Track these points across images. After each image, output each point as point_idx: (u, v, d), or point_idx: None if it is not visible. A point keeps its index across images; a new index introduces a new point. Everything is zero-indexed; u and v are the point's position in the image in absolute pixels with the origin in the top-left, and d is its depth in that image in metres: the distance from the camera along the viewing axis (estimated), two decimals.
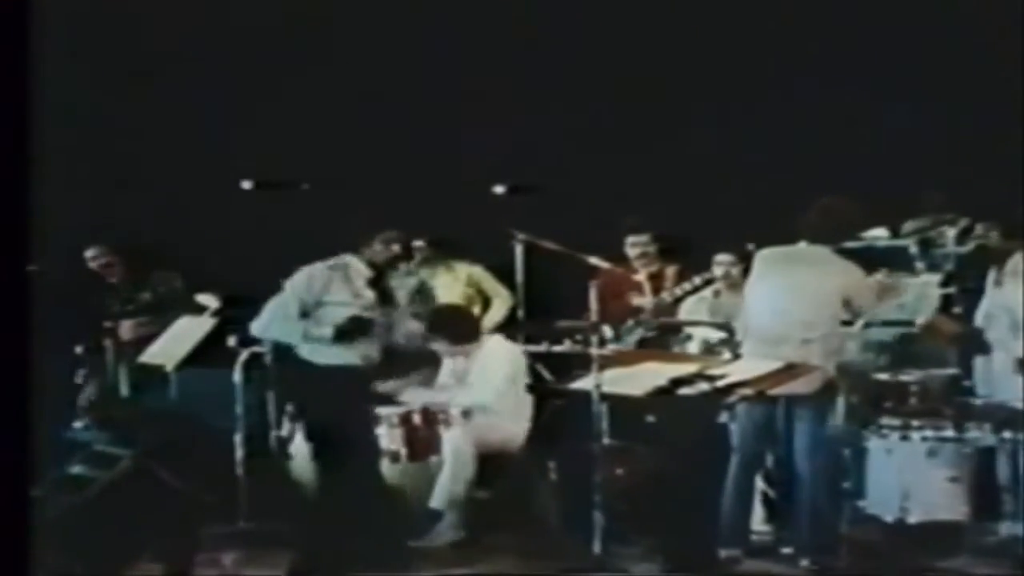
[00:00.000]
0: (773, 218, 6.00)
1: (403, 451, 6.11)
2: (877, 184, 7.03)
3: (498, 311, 7.52)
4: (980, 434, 5.71)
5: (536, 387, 6.46)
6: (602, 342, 5.50)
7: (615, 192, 7.63)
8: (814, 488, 5.54)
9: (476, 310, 7.28)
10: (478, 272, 7.61)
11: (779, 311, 5.54)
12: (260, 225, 7.54)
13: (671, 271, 7.06)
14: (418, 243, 7.48)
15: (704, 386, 5.01)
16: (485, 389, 6.13)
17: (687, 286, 6.76)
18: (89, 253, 7.04)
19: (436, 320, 6.38)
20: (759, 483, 5.86)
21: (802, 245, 5.65)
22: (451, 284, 7.44)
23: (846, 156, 7.39)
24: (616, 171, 7.82)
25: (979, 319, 6.12)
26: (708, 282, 6.59)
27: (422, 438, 6.14)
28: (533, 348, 6.70)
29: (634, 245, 7.04)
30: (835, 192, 5.81)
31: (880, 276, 5.82)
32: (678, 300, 6.81)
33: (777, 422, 5.57)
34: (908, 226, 7.05)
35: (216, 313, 6.60)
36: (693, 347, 6.35)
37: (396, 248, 6.37)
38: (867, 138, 7.53)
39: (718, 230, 6.59)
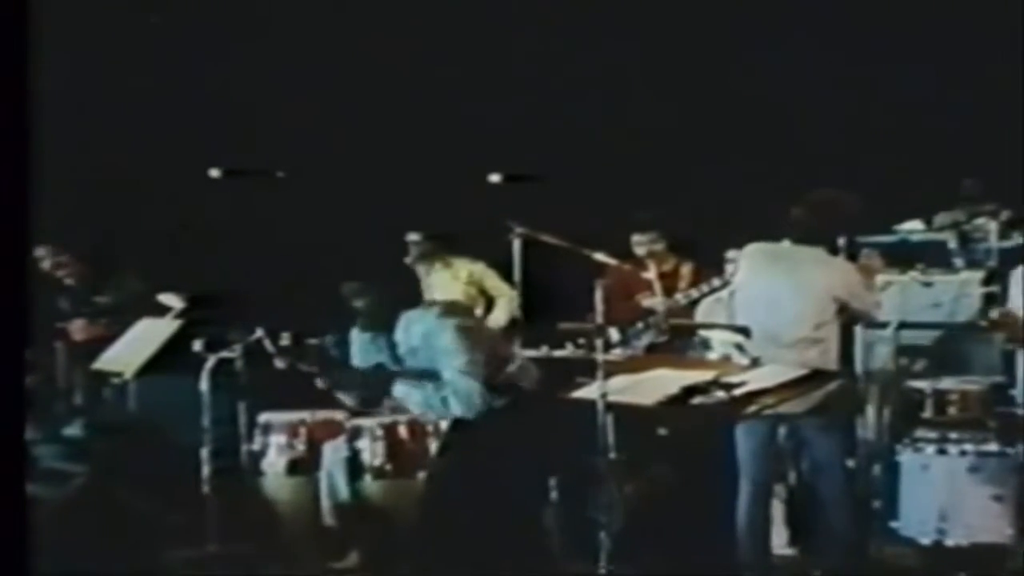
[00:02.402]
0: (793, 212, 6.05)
1: (387, 466, 6.19)
2: (909, 173, 7.10)
3: (502, 312, 7.53)
4: None
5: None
6: (608, 346, 5.53)
7: (622, 181, 7.67)
8: (837, 508, 5.56)
9: (479, 311, 7.32)
10: (479, 269, 7.62)
11: (780, 311, 5.56)
12: (230, 218, 7.59)
13: (686, 269, 7.04)
14: (413, 236, 7.52)
15: (720, 395, 5.03)
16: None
17: (704, 287, 6.78)
18: (39, 252, 7.00)
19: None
20: (779, 505, 5.90)
21: (785, 243, 5.70)
22: (449, 282, 7.46)
23: (873, 144, 7.46)
24: (623, 158, 7.86)
25: None
26: (727, 283, 6.60)
27: (408, 452, 6.21)
28: (532, 353, 6.72)
29: (639, 244, 7.06)
30: (862, 182, 5.86)
31: (863, 260, 5.83)
32: (693, 303, 6.83)
33: (781, 438, 5.61)
34: (941, 218, 7.08)
35: (181, 315, 6.63)
36: (711, 354, 6.37)
37: None
38: (896, 125, 7.59)
39: (735, 223, 6.63)
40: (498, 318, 7.42)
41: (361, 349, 6.06)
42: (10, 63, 3.01)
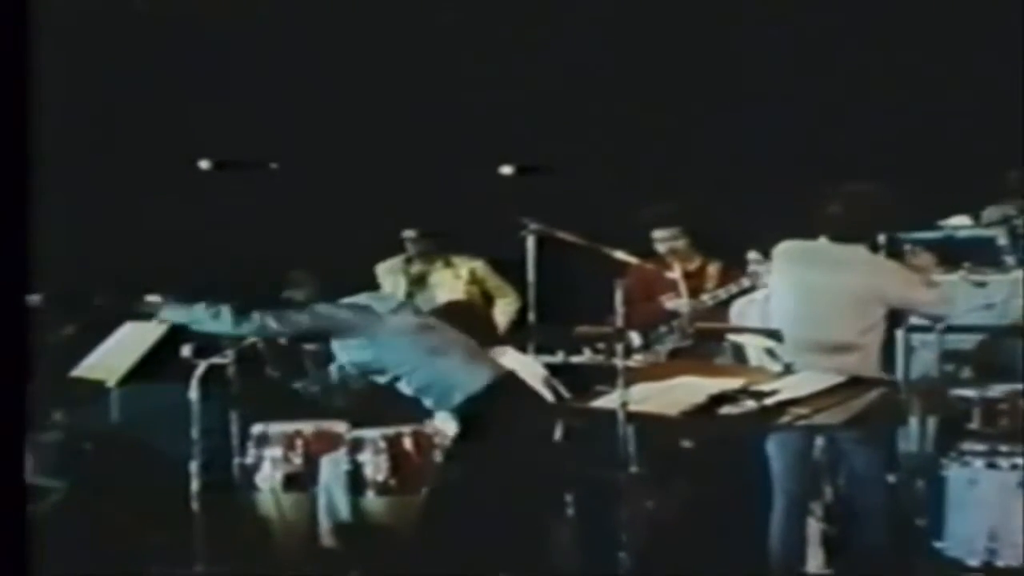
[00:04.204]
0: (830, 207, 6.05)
1: (392, 482, 6.22)
2: (956, 165, 7.09)
3: (503, 314, 7.58)
4: None
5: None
6: (629, 352, 5.54)
7: (645, 173, 7.67)
8: (877, 526, 5.58)
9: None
10: (481, 268, 7.67)
11: (819, 314, 5.58)
12: (221, 213, 7.61)
13: (713, 269, 7.06)
14: (410, 233, 7.53)
15: (750, 404, 5.04)
16: None
17: (733, 288, 6.77)
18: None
19: (447, 318, 6.44)
20: (815, 523, 5.92)
21: (822, 240, 5.70)
22: (451, 281, 7.51)
23: (916, 135, 7.45)
24: (644, 148, 7.86)
25: None
26: (755, 284, 6.60)
27: (414, 466, 6.22)
28: (547, 358, 6.74)
29: (660, 240, 7.06)
30: (902, 175, 5.87)
31: (910, 259, 5.83)
32: (721, 304, 6.84)
33: (816, 451, 5.63)
34: (989, 213, 7.08)
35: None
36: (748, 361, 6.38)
37: None
38: (940, 114, 7.57)
39: (766, 219, 6.63)
40: (499, 321, 7.45)
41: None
42: (10, 59, 3.09)
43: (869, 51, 7.85)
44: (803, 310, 5.64)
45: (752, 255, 6.47)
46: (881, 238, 5.75)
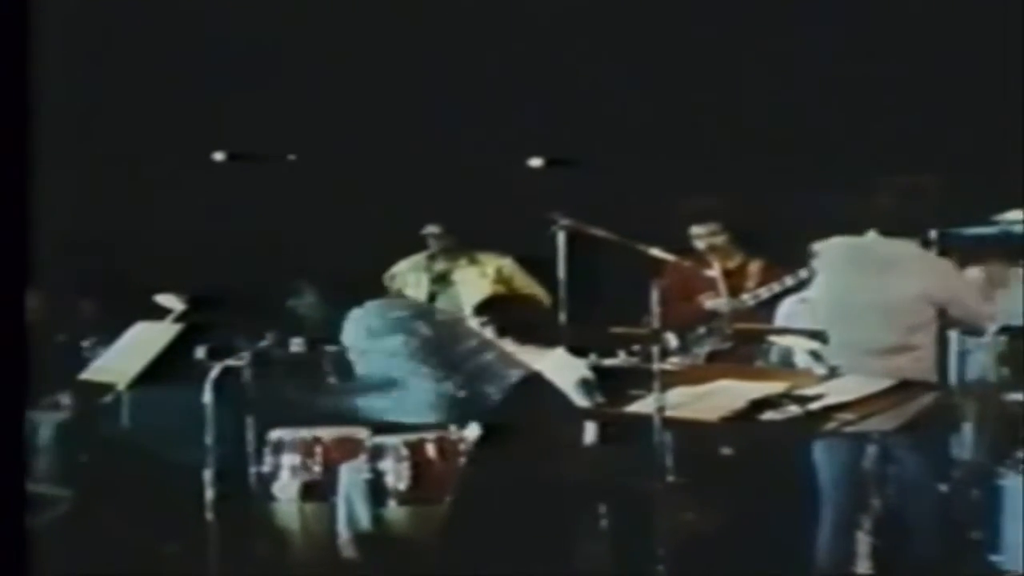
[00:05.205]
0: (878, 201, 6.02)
1: (414, 490, 6.18)
2: (1011, 157, 7.04)
3: None
4: None
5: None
6: (665, 354, 5.51)
7: (681, 166, 7.63)
8: (930, 539, 5.56)
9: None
10: (509, 266, 7.65)
11: (868, 314, 5.55)
12: (236, 210, 7.61)
13: (755, 266, 7.03)
14: (432, 229, 7.50)
15: (794, 410, 5.00)
16: None
17: (775, 287, 6.74)
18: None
19: (498, 312, 6.40)
20: (863, 535, 5.88)
21: (871, 235, 5.68)
22: (476, 280, 7.49)
23: (969, 123, 7.40)
24: (682, 139, 7.82)
25: None
26: (803, 283, 6.57)
27: (437, 474, 6.19)
28: (580, 361, 6.71)
29: (698, 237, 7.03)
30: (954, 168, 5.84)
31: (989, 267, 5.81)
32: (763, 304, 6.81)
33: (865, 459, 5.59)
34: None
35: (181, 318, 6.65)
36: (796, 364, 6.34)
37: None
38: (995, 102, 7.53)
39: (810, 213, 6.59)
40: None
41: None
42: (10, 55, 3.10)
43: (919, 39, 7.79)
44: (849, 309, 5.61)
45: (818, 247, 6.43)
46: (933, 233, 5.71)
